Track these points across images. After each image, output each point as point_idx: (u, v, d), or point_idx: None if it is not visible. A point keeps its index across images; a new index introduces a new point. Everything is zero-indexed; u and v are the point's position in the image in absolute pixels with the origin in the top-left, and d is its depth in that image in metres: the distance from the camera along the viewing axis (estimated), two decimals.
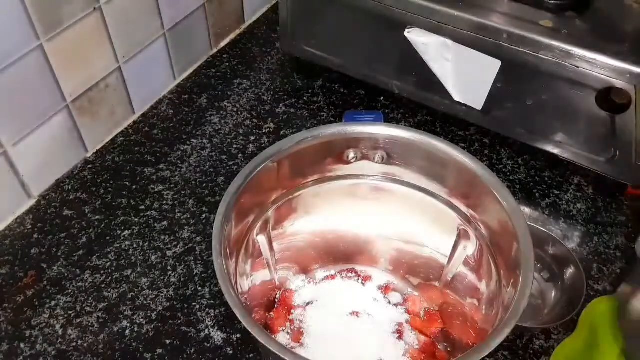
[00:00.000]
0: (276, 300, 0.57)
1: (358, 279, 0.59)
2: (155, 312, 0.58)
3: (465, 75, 0.67)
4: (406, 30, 0.67)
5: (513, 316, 0.39)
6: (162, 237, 0.64)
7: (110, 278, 0.61)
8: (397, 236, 0.57)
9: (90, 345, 0.56)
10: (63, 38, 0.62)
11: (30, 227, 0.65)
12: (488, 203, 0.47)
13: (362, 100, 0.80)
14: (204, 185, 0.70)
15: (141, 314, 0.58)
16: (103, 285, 0.60)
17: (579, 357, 0.53)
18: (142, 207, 0.67)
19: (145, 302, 0.59)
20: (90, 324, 0.57)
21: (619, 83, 0.57)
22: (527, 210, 0.67)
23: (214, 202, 0.68)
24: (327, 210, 0.55)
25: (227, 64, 0.85)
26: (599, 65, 0.57)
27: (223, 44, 0.88)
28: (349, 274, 0.59)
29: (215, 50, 0.87)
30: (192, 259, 0.62)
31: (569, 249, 0.60)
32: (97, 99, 0.70)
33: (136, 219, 0.66)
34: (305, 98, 0.80)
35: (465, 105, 0.70)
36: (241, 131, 0.76)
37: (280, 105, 0.79)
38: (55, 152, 0.68)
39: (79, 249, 0.63)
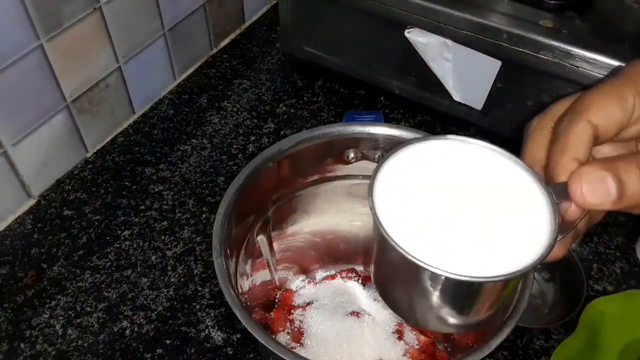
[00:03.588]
0: (276, 300, 0.57)
1: (358, 279, 0.59)
2: (155, 312, 0.58)
3: (465, 75, 0.67)
4: (406, 30, 0.67)
5: (513, 316, 0.39)
6: (162, 237, 0.64)
7: (110, 278, 0.61)
8: None
9: (90, 345, 0.56)
10: (63, 38, 0.62)
11: (30, 227, 0.65)
12: None
13: (362, 100, 0.80)
14: (204, 185, 0.70)
15: (141, 314, 0.58)
16: (103, 285, 0.60)
17: (579, 357, 0.53)
18: (142, 207, 0.67)
19: (145, 302, 0.59)
20: (90, 324, 0.57)
21: None
22: None
23: (214, 202, 0.68)
24: (327, 210, 0.55)
25: (227, 64, 0.85)
26: (599, 65, 0.58)
27: (223, 44, 0.89)
28: (349, 274, 0.59)
29: (215, 50, 0.87)
30: (192, 259, 0.62)
31: (569, 249, 0.60)
32: (97, 99, 0.70)
33: (136, 219, 0.66)
34: (305, 98, 0.80)
35: (465, 105, 0.70)
36: (241, 131, 0.76)
37: (280, 105, 0.79)
38: (55, 152, 0.68)
39: (79, 249, 0.63)
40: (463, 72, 0.67)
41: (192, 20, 0.80)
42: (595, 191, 0.29)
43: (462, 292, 0.33)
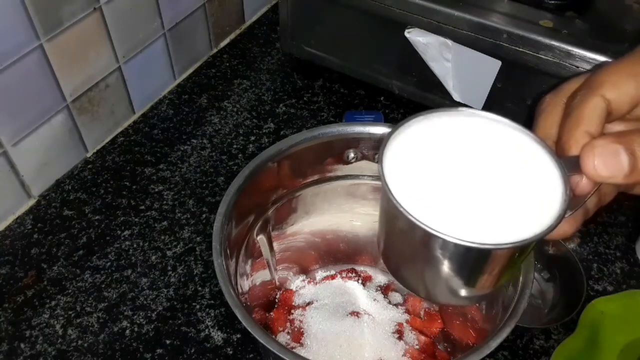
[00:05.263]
0: (276, 300, 0.57)
1: (358, 279, 0.59)
2: (155, 312, 0.58)
3: (465, 75, 0.67)
4: (406, 30, 0.67)
5: (513, 316, 0.39)
6: (162, 237, 0.64)
7: (110, 278, 0.61)
8: None
9: (90, 345, 0.56)
10: (63, 38, 0.62)
11: (30, 227, 0.65)
12: None
13: (362, 100, 0.80)
14: (204, 185, 0.70)
15: (141, 314, 0.58)
16: (103, 285, 0.60)
17: (579, 357, 0.53)
18: (142, 207, 0.67)
19: (145, 302, 0.59)
20: (90, 324, 0.57)
21: None
22: None
23: (214, 202, 0.68)
24: (327, 210, 0.55)
25: (227, 64, 0.85)
26: (599, 66, 0.57)
27: (223, 44, 0.89)
28: (349, 274, 0.59)
29: (215, 50, 0.87)
30: (192, 259, 0.62)
31: (569, 249, 0.60)
32: (97, 98, 0.70)
33: (136, 219, 0.66)
34: (305, 98, 0.80)
35: (465, 105, 0.70)
36: (241, 131, 0.76)
37: (280, 105, 0.79)
38: (55, 152, 0.68)
39: (79, 249, 0.63)
40: (463, 72, 0.67)
41: (192, 20, 0.80)
42: (608, 164, 0.29)
43: (471, 260, 0.32)
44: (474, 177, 0.32)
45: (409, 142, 0.33)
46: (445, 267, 0.32)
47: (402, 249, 0.36)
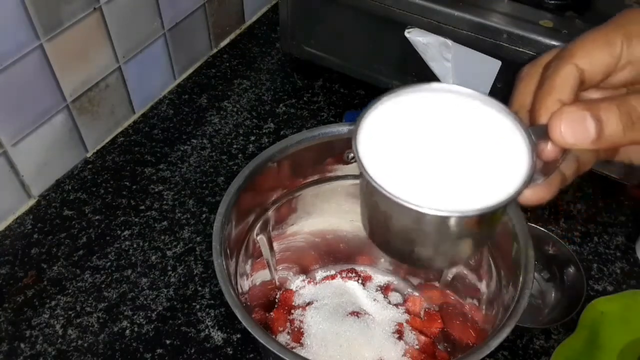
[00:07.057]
0: (276, 300, 0.57)
1: (358, 279, 0.59)
2: (155, 312, 0.58)
3: (465, 75, 0.67)
4: (406, 30, 0.67)
5: (513, 316, 0.39)
6: (162, 237, 0.64)
7: (110, 278, 0.61)
8: None
9: (90, 345, 0.56)
10: (63, 38, 0.62)
11: (30, 227, 0.65)
12: None
13: (362, 100, 0.80)
14: (204, 185, 0.70)
15: (141, 314, 0.58)
16: (103, 285, 0.60)
17: (579, 357, 0.53)
18: (142, 207, 0.67)
19: (145, 302, 0.59)
20: (90, 324, 0.57)
21: None
22: (526, 210, 0.67)
23: (214, 202, 0.68)
24: (327, 210, 0.55)
25: (227, 64, 0.85)
26: None
27: (223, 44, 0.89)
28: (349, 274, 0.59)
29: (215, 50, 0.87)
30: (192, 259, 0.62)
31: (569, 249, 0.60)
32: (97, 98, 0.70)
33: (136, 219, 0.66)
34: (305, 98, 0.80)
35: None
36: (241, 131, 0.76)
37: (280, 105, 0.79)
38: (55, 152, 0.68)
39: (79, 249, 0.63)
40: (463, 72, 0.67)
41: (192, 20, 0.80)
42: (574, 130, 0.30)
43: (445, 228, 0.33)
44: (444, 148, 0.33)
45: (382, 120, 0.34)
46: (421, 235, 0.34)
47: (381, 221, 0.37)
